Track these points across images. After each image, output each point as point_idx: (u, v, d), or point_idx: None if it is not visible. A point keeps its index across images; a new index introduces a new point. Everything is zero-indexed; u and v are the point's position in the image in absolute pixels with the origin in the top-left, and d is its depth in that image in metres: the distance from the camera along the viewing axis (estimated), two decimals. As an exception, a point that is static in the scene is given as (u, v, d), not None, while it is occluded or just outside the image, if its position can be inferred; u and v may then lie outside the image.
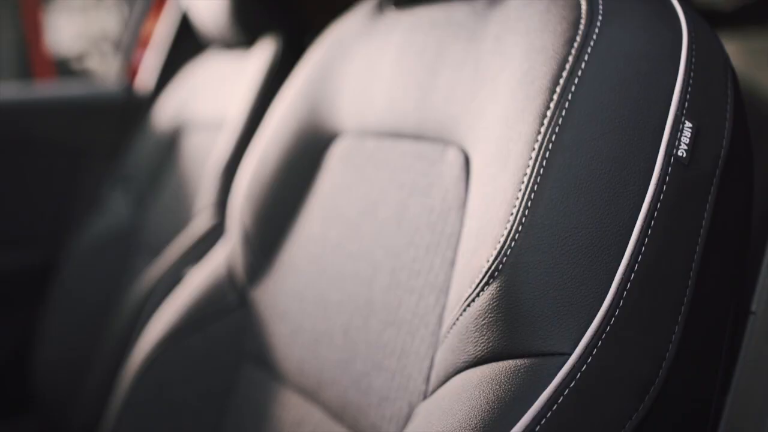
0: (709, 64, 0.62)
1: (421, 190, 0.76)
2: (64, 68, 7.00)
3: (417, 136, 0.78)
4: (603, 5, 0.64)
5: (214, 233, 1.33)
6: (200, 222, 1.37)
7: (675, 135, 0.58)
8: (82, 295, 1.63)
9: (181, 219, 1.47)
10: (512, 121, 0.63)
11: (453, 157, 0.73)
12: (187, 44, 1.88)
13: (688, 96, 0.60)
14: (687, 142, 0.58)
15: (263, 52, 1.46)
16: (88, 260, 1.66)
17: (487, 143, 0.66)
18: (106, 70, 7.14)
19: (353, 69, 0.90)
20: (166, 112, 1.73)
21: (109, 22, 7.33)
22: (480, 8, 0.76)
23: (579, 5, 0.64)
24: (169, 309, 1.02)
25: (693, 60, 0.61)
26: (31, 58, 6.19)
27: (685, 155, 0.58)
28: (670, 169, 0.57)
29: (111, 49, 7.27)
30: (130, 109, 1.94)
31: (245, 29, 1.52)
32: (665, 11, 0.64)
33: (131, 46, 2.07)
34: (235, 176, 1.29)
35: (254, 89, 1.41)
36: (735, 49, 1.87)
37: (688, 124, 0.59)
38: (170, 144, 1.67)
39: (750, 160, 0.64)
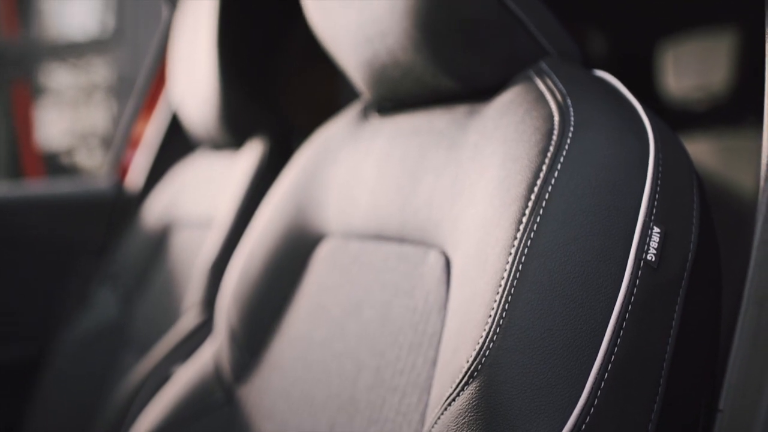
0: (676, 171, 0.65)
1: (404, 291, 0.78)
2: (53, 163, 7.05)
3: (400, 239, 0.81)
4: (574, 117, 0.67)
5: (202, 331, 1.35)
6: (188, 320, 1.39)
7: (644, 240, 0.61)
8: (69, 391, 1.63)
9: (169, 316, 1.49)
10: (490, 226, 0.66)
11: (434, 260, 0.76)
12: (177, 144, 1.92)
13: (655, 202, 0.63)
14: (656, 246, 0.61)
15: (251, 154, 1.49)
16: (76, 356, 1.66)
17: (466, 247, 0.69)
18: (93, 164, 7.20)
19: (339, 173, 0.93)
20: (155, 210, 1.76)
21: (98, 117, 7.42)
22: (460, 117, 0.80)
23: (552, 117, 0.68)
24: (156, 406, 1.03)
25: (660, 168, 0.64)
26: (21, 155, 6.24)
27: (654, 259, 0.61)
28: (640, 272, 0.60)
29: (99, 145, 7.34)
30: (120, 207, 1.97)
31: (234, 131, 1.56)
32: (633, 122, 0.67)
33: (122, 144, 2.11)
34: (223, 275, 1.31)
35: (242, 189, 1.44)
36: (708, 147, 1.93)
37: (656, 229, 0.62)
38: (159, 241, 1.69)
39: (717, 262, 0.67)
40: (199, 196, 1.61)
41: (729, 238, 0.79)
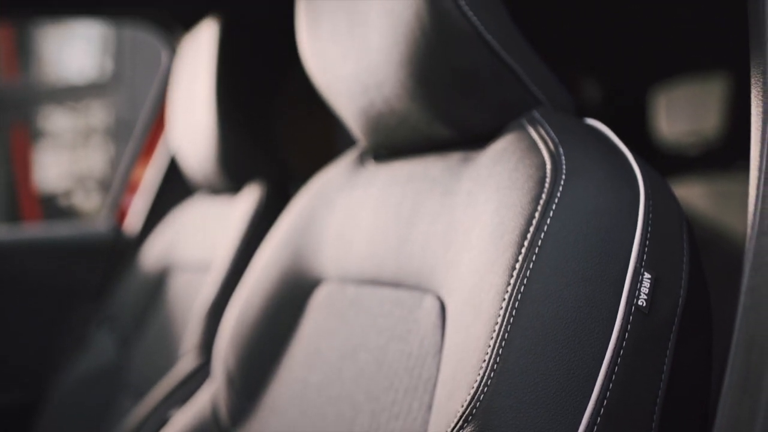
0: (665, 218, 0.67)
1: (399, 336, 0.79)
2: (50, 205, 7.07)
3: (396, 284, 0.82)
4: (566, 165, 0.69)
5: (200, 375, 1.35)
6: (185, 363, 1.39)
7: (635, 285, 0.62)
8: (67, 435, 1.63)
9: (166, 360, 1.49)
10: (484, 272, 0.67)
11: (430, 305, 0.77)
12: (175, 188, 1.94)
13: (646, 249, 0.64)
14: (646, 292, 0.63)
15: (249, 198, 1.51)
16: (73, 399, 1.66)
17: (461, 292, 0.70)
18: (90, 207, 7.22)
19: (335, 218, 0.95)
20: (153, 253, 1.77)
21: (96, 160, 7.45)
22: (454, 164, 0.82)
23: (544, 165, 0.69)
24: (153, 451, 1.03)
25: (650, 215, 0.66)
26: (20, 198, 6.26)
27: (645, 304, 0.62)
28: (631, 317, 0.61)
29: (96, 187, 7.37)
30: (118, 250, 1.98)
31: (231, 176, 1.58)
32: (623, 170, 0.69)
33: (120, 188, 2.13)
34: (220, 319, 1.32)
35: (240, 233, 1.45)
36: (701, 191, 1.95)
37: (647, 275, 0.63)
38: (157, 285, 1.70)
39: (708, 306, 0.68)
40: (197, 240, 1.62)
41: (720, 282, 0.81)
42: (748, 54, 0.65)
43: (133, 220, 2.02)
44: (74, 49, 7.52)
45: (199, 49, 1.61)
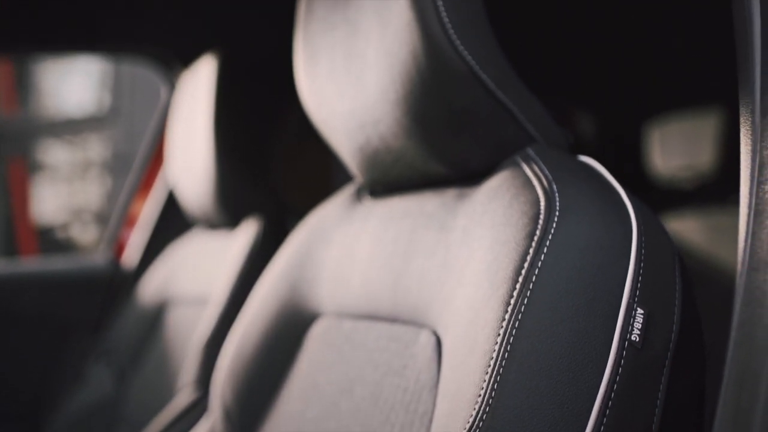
0: (658, 254, 0.68)
1: (395, 371, 0.80)
2: (47, 238, 7.07)
3: (392, 319, 0.83)
4: (560, 202, 0.70)
5: (197, 409, 1.35)
6: (183, 397, 1.39)
7: (628, 321, 0.63)
8: (62, 471, 1.62)
9: (163, 394, 1.49)
10: (479, 307, 0.68)
11: (425, 340, 0.77)
12: (173, 223, 1.95)
13: (639, 284, 0.65)
14: (639, 327, 0.63)
15: (246, 233, 1.52)
16: (70, 434, 1.66)
17: (456, 328, 0.71)
18: (87, 240, 7.22)
19: (332, 253, 0.96)
20: (150, 287, 1.77)
21: (93, 194, 7.46)
22: (449, 200, 0.83)
23: (538, 202, 0.70)
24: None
25: (642, 251, 0.66)
26: (17, 232, 6.26)
27: (638, 340, 0.63)
28: (624, 352, 0.62)
29: (93, 220, 7.38)
30: (116, 284, 1.99)
31: (229, 211, 1.59)
32: (616, 206, 0.70)
33: (119, 222, 2.14)
34: (218, 353, 1.32)
35: (237, 268, 1.46)
36: (697, 225, 1.97)
37: (639, 310, 0.64)
38: (154, 319, 1.70)
39: (701, 341, 0.69)
40: (195, 274, 1.63)
41: (715, 316, 0.82)
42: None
43: (131, 254, 2.03)
44: (73, 83, 7.56)
45: (198, 85, 1.62)
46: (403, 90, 0.79)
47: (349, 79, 0.85)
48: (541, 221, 0.68)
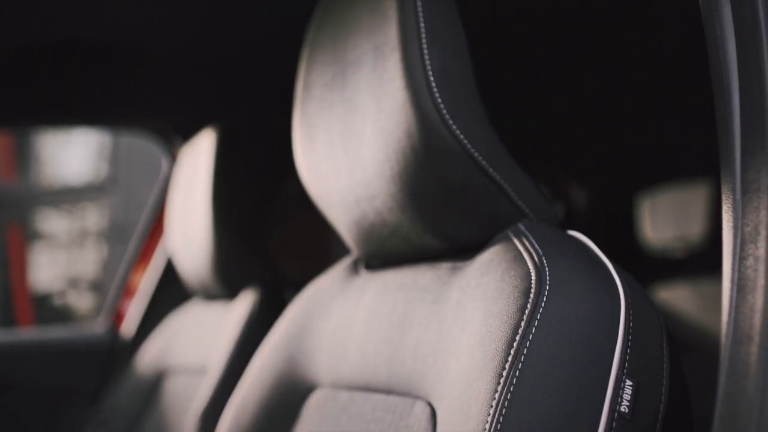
0: (646, 326, 0.70)
1: (391, 442, 0.81)
2: (43, 305, 7.05)
3: (387, 390, 0.85)
4: (550, 276, 0.72)
5: (193, 479, 1.35)
6: (179, 468, 1.40)
7: (617, 392, 0.65)
8: None
9: (160, 464, 1.49)
10: (472, 379, 0.70)
11: (420, 411, 0.79)
12: (172, 293, 1.96)
13: (627, 357, 0.67)
14: (628, 398, 0.65)
15: (244, 304, 1.53)
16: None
17: (450, 398, 0.73)
18: (83, 307, 7.21)
19: (329, 325, 0.97)
20: (148, 357, 1.78)
21: (89, 262, 7.47)
22: (443, 274, 0.85)
23: (529, 276, 0.72)
24: None
25: (630, 324, 0.69)
26: (15, 299, 6.25)
27: (627, 411, 0.65)
28: (614, 423, 0.64)
29: (88, 288, 7.37)
30: (114, 353, 2.00)
31: (227, 283, 1.60)
32: (604, 280, 0.72)
33: (118, 291, 2.16)
34: (215, 423, 1.32)
35: (235, 338, 1.46)
36: (687, 293, 1.99)
37: (628, 382, 0.66)
38: (152, 388, 1.71)
39: (689, 411, 0.70)
40: (193, 345, 1.64)
41: (705, 383, 0.83)
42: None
43: (130, 324, 2.04)
44: (71, 153, 7.62)
45: (198, 159, 1.65)
46: (398, 167, 0.81)
47: (346, 156, 0.88)
48: (532, 295, 0.70)
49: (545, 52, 1.82)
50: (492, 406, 0.66)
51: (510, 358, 0.67)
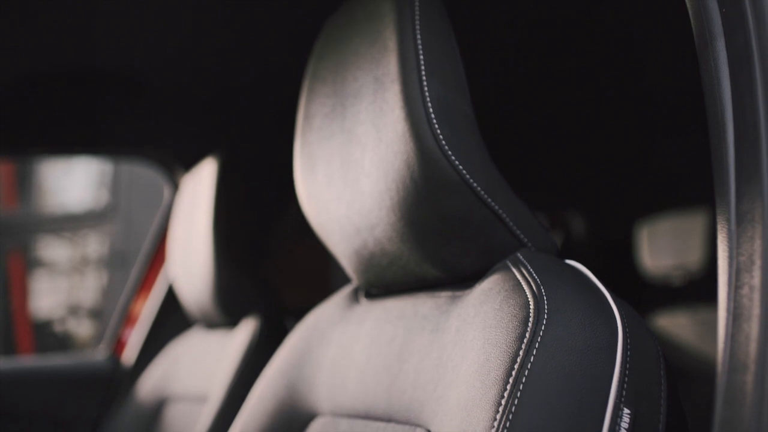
0: (643, 355, 0.70)
1: (391, 470, 0.82)
2: (43, 331, 7.04)
3: (387, 418, 0.85)
4: (548, 305, 0.72)
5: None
6: (180, 497, 1.39)
7: (615, 420, 0.66)
8: None
9: (160, 493, 1.49)
10: (471, 407, 0.70)
11: (420, 439, 0.79)
12: (173, 321, 1.97)
13: (625, 384, 0.67)
14: (626, 426, 0.66)
15: (245, 332, 1.53)
16: None
17: (450, 427, 0.73)
18: (83, 334, 7.20)
19: (329, 354, 0.98)
20: (149, 384, 1.78)
21: (89, 289, 7.46)
22: (443, 303, 0.85)
23: (528, 304, 0.73)
24: None
25: (628, 352, 0.69)
26: (15, 326, 6.24)
27: (625, 438, 0.66)
28: None
29: (88, 315, 7.37)
30: (115, 381, 2.00)
31: (228, 311, 1.60)
32: (602, 309, 0.73)
33: (119, 319, 2.16)
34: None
35: (236, 367, 1.47)
36: (686, 320, 1.99)
37: (626, 410, 0.66)
38: (153, 416, 1.71)
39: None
40: (194, 372, 1.64)
41: (702, 411, 0.84)
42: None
43: (131, 351, 2.04)
44: (72, 180, 7.63)
45: (199, 188, 1.66)
46: (397, 197, 0.82)
47: (346, 186, 0.89)
48: (530, 324, 0.71)
49: (544, 83, 1.83)
50: None
51: (509, 387, 0.68)
